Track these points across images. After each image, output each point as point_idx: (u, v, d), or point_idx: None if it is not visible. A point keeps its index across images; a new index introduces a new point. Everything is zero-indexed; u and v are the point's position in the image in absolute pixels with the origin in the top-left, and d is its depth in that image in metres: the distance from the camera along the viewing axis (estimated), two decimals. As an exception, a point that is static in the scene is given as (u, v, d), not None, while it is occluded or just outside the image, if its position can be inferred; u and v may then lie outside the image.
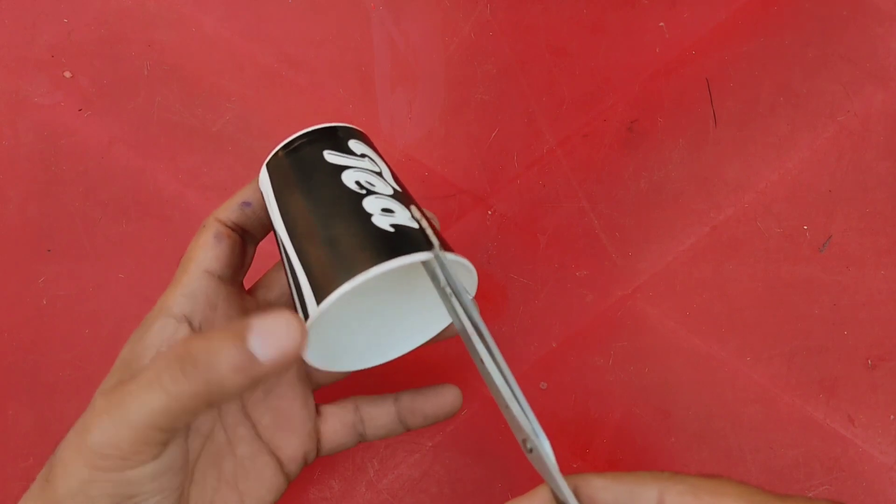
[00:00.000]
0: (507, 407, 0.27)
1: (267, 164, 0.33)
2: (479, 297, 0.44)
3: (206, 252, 0.32)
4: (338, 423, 0.35)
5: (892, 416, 0.42)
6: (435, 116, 0.47)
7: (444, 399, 0.35)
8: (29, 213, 0.45)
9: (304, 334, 0.25)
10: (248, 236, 0.35)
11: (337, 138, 0.32)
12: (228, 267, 0.33)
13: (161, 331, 0.31)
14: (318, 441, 0.35)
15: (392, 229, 0.28)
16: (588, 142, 0.46)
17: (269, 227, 0.33)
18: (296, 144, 0.32)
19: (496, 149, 0.46)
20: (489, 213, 0.45)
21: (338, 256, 0.28)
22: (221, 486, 0.32)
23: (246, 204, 0.34)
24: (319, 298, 0.27)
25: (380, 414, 0.35)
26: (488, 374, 0.27)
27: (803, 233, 0.44)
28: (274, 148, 0.33)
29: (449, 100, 0.47)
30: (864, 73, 0.46)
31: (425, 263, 0.28)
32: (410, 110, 0.47)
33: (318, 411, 0.35)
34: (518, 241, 0.45)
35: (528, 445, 0.27)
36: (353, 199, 0.29)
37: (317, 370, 0.34)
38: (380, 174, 0.31)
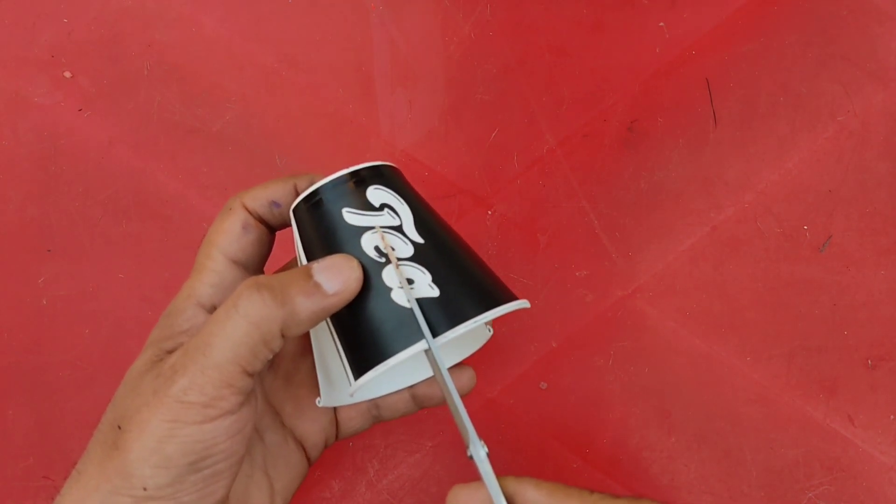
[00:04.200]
0: (456, 416, 0.29)
1: (293, 211, 0.32)
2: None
3: (232, 241, 0.32)
4: (353, 409, 0.36)
5: (892, 416, 0.42)
6: (435, 116, 0.47)
7: (460, 381, 0.36)
8: (29, 213, 0.45)
9: (360, 270, 0.29)
10: (270, 227, 0.34)
11: (357, 189, 0.31)
12: (253, 257, 0.33)
13: (193, 318, 0.31)
14: (337, 426, 0.36)
15: (408, 306, 0.29)
16: (588, 142, 0.46)
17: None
18: (317, 199, 0.31)
19: (496, 149, 0.46)
20: (489, 213, 0.45)
21: (362, 341, 0.30)
22: (255, 471, 0.33)
23: (276, 204, 0.33)
24: (355, 374, 0.30)
25: (395, 399, 0.36)
26: (448, 395, 0.29)
27: (803, 233, 0.44)
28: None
29: (449, 100, 0.47)
30: (864, 73, 0.46)
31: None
32: (410, 110, 0.47)
33: None
34: (518, 241, 0.45)
35: (469, 453, 0.28)
36: (374, 270, 0.30)
37: None
38: (399, 227, 0.30)
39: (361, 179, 0.31)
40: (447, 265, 0.30)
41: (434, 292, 0.29)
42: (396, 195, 0.31)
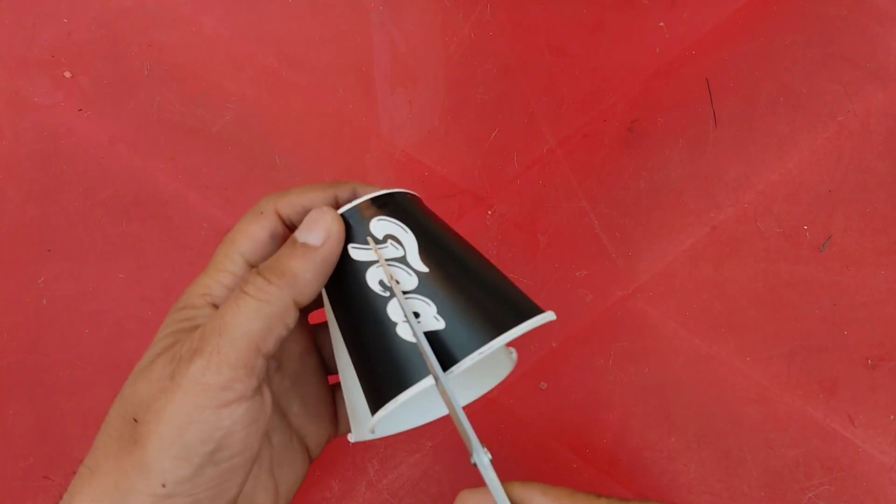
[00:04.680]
0: (459, 424, 0.28)
1: None
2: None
3: (256, 248, 0.31)
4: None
5: (892, 416, 0.42)
6: (435, 116, 0.47)
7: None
8: (29, 213, 0.45)
9: (335, 214, 0.30)
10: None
11: (362, 221, 0.30)
12: None
13: (206, 317, 0.30)
14: (337, 424, 0.36)
15: (414, 340, 0.28)
16: (588, 142, 0.46)
17: None
18: None
19: (496, 149, 0.46)
20: (489, 213, 0.45)
21: (375, 378, 0.30)
22: (262, 473, 0.33)
23: None
24: (372, 411, 0.30)
25: None
26: (450, 404, 0.29)
27: (803, 233, 0.44)
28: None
29: (449, 100, 0.47)
30: (864, 73, 0.46)
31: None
32: (410, 110, 0.47)
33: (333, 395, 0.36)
34: (518, 241, 0.45)
35: (472, 460, 0.28)
36: (379, 306, 0.29)
37: (332, 359, 0.35)
38: (403, 258, 0.30)
39: (365, 212, 0.31)
40: (452, 295, 0.29)
41: (439, 324, 0.28)
42: (401, 224, 0.30)
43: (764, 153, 0.46)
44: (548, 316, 0.30)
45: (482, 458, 0.28)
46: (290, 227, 0.32)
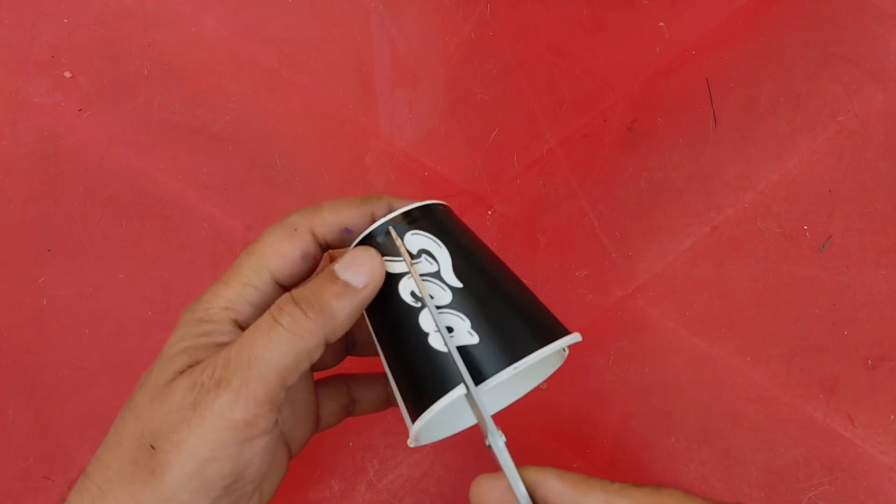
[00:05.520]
0: (473, 406, 0.28)
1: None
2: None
3: (286, 267, 0.30)
4: (335, 405, 0.36)
5: (892, 416, 0.42)
6: (435, 116, 0.47)
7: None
8: (29, 213, 0.45)
9: (380, 258, 0.29)
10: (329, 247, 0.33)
11: (397, 236, 0.30)
12: (299, 283, 0.31)
13: (229, 336, 0.29)
14: (318, 422, 0.36)
15: (445, 350, 0.29)
16: (588, 142, 0.46)
17: None
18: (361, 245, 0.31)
19: (496, 149, 0.46)
20: (489, 213, 0.45)
21: (409, 388, 0.30)
22: None
23: (347, 230, 0.31)
24: (411, 418, 0.30)
25: (371, 397, 0.36)
26: (466, 386, 0.28)
27: (803, 233, 0.44)
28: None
29: (449, 100, 0.47)
30: (864, 73, 0.46)
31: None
32: (410, 110, 0.47)
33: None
34: (518, 241, 0.45)
35: (487, 442, 0.28)
36: (412, 316, 0.29)
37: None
38: (437, 273, 0.30)
39: (402, 225, 0.30)
40: (486, 311, 0.29)
41: (474, 339, 0.29)
42: (435, 239, 0.30)
43: (764, 153, 0.46)
44: (575, 337, 0.30)
45: (497, 441, 0.27)
46: (323, 247, 0.31)
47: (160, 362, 0.29)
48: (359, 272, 0.29)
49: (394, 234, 0.30)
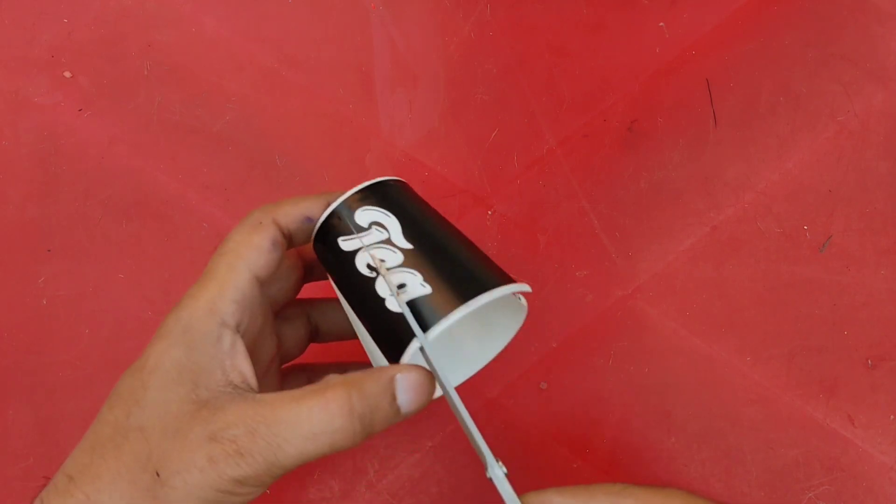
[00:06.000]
0: (472, 440, 0.29)
1: (314, 247, 0.34)
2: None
3: (259, 257, 0.30)
4: (296, 335, 0.36)
5: (892, 416, 0.42)
6: (435, 116, 0.47)
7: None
8: (29, 213, 0.45)
9: (434, 385, 0.29)
10: (294, 243, 0.34)
11: (347, 217, 0.32)
12: (272, 276, 0.32)
13: (219, 343, 0.29)
14: (279, 359, 0.36)
15: (400, 310, 0.30)
16: (588, 142, 0.46)
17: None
18: (320, 236, 0.33)
19: (496, 149, 0.46)
20: (489, 213, 0.45)
21: (383, 354, 0.31)
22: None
23: (309, 220, 0.32)
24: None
25: (334, 321, 0.36)
26: (463, 421, 0.29)
27: (803, 233, 0.44)
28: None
29: (449, 100, 0.47)
30: (864, 73, 0.46)
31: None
32: (410, 110, 0.47)
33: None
34: (518, 241, 0.45)
35: (488, 474, 0.28)
36: (369, 286, 0.31)
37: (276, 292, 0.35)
38: (388, 240, 0.31)
39: (351, 205, 0.32)
40: (438, 262, 0.31)
41: (427, 289, 0.30)
42: (384, 210, 0.32)
43: (764, 153, 0.46)
44: (523, 286, 0.31)
45: (497, 472, 0.28)
46: (287, 237, 0.32)
47: (156, 373, 0.28)
48: (415, 400, 0.29)
49: (341, 213, 0.32)
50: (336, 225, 0.32)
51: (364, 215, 0.32)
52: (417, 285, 0.30)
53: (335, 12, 0.48)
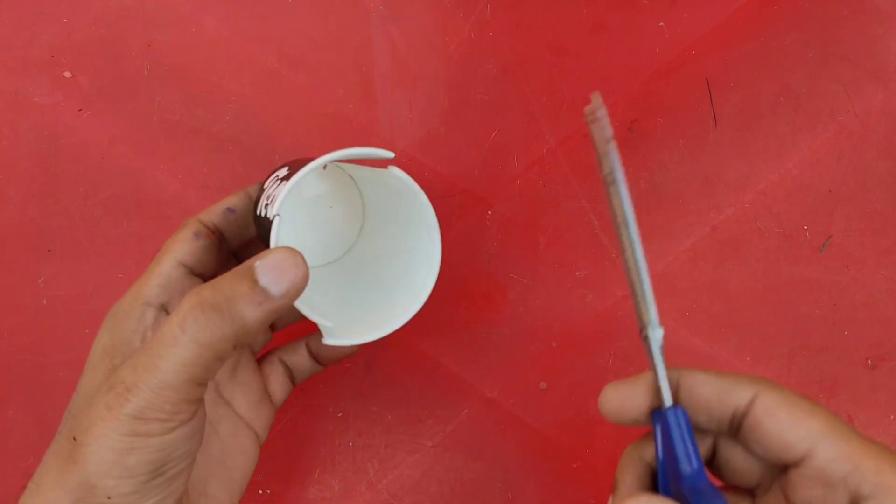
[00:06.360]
0: (634, 293, 0.28)
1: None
2: (479, 296, 0.44)
3: (183, 246, 0.33)
4: (278, 379, 0.37)
5: (892, 416, 0.42)
6: (435, 116, 0.47)
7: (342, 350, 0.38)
8: (29, 213, 0.45)
9: (305, 265, 0.28)
10: (224, 242, 0.36)
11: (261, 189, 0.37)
12: (202, 264, 0.34)
13: (141, 319, 0.31)
14: (272, 401, 0.37)
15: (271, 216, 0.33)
16: (588, 142, 0.46)
17: (247, 237, 0.37)
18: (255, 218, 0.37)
19: (496, 149, 0.46)
20: (489, 213, 0.45)
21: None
22: (212, 463, 0.33)
23: (230, 210, 0.36)
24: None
25: (299, 360, 0.38)
26: (628, 260, 0.28)
27: (803, 233, 0.44)
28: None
29: (449, 100, 0.47)
30: (864, 73, 0.46)
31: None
32: (410, 110, 0.47)
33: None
34: (518, 241, 0.45)
35: (644, 333, 0.28)
36: (268, 224, 0.33)
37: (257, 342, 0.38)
38: (282, 179, 0.35)
39: (263, 183, 0.37)
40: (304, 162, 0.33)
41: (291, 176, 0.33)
42: (265, 185, 0.37)
43: (764, 153, 0.46)
44: (388, 153, 0.34)
45: (656, 334, 0.28)
46: (213, 231, 0.34)
47: (87, 366, 0.31)
48: (280, 279, 0.27)
49: (261, 190, 0.36)
50: (258, 199, 0.36)
51: (264, 193, 0.36)
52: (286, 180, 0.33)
53: (335, 12, 0.48)
